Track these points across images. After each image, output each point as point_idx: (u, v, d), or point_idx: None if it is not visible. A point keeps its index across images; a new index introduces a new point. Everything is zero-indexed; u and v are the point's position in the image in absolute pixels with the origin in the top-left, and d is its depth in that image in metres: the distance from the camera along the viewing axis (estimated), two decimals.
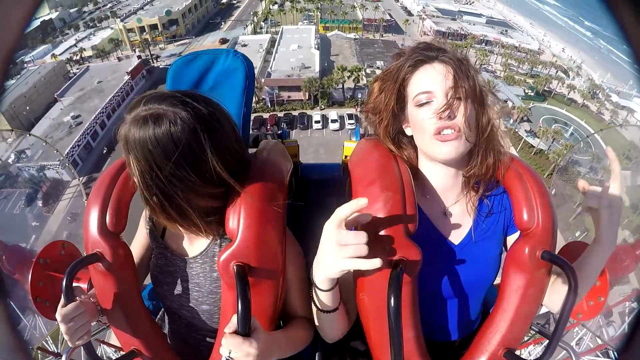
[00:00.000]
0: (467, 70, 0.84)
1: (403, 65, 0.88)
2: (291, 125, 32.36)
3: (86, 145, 30.55)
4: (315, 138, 31.62)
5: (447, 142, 0.84)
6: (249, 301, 0.72)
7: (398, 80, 0.89)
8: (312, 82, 33.15)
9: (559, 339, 0.79)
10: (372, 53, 41.35)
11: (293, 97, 34.65)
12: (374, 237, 0.77)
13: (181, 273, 0.98)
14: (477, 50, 41.23)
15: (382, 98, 0.93)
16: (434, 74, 0.85)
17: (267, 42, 41.52)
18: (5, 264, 1.38)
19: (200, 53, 1.21)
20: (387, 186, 0.82)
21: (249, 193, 0.83)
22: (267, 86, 34.06)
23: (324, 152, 29.88)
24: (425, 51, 0.87)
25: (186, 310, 1.00)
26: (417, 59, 0.87)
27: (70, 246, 1.32)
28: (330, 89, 33.99)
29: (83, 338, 0.85)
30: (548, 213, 0.85)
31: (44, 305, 1.22)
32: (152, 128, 0.75)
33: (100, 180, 0.94)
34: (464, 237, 0.96)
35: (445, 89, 0.83)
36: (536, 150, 29.97)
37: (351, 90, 34.78)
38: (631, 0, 0.45)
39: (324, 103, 34.17)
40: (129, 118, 0.78)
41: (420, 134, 0.89)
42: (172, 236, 1.01)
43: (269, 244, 0.83)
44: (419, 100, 0.86)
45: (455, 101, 0.83)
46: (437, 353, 0.94)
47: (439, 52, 0.86)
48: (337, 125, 31.91)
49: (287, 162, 1.04)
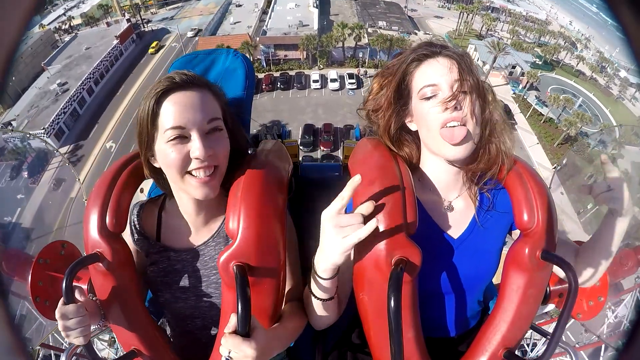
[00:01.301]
0: (469, 65, 0.85)
1: (406, 59, 0.89)
2: (288, 85, 30.70)
3: (73, 113, 29.40)
4: (313, 98, 29.99)
5: (457, 146, 0.84)
6: (249, 301, 0.72)
7: (398, 74, 0.89)
8: (310, 39, 31.20)
9: (559, 339, 0.80)
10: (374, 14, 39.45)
11: (290, 56, 32.79)
12: (374, 236, 0.77)
13: (191, 264, 0.98)
14: (484, 16, 39.24)
15: (383, 93, 0.93)
16: (438, 67, 0.85)
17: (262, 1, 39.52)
18: (5, 265, 1.37)
19: (200, 53, 1.23)
20: (387, 186, 0.82)
21: (249, 193, 0.84)
22: (262, 44, 32.19)
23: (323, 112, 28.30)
24: (429, 47, 0.88)
25: (200, 306, 0.98)
26: (421, 53, 0.87)
27: (70, 246, 1.32)
28: (330, 47, 32.06)
29: (83, 338, 0.83)
30: (548, 213, 0.86)
31: (44, 305, 1.21)
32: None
33: (101, 180, 0.94)
34: (463, 231, 0.95)
35: (450, 81, 0.83)
36: (545, 118, 29.01)
37: (352, 49, 32.87)
38: (631, 0, 0.44)
39: (323, 62, 32.28)
40: None
41: (425, 127, 0.88)
42: (170, 235, 1.01)
43: (268, 244, 0.84)
44: (424, 94, 0.86)
45: (461, 94, 0.83)
46: (435, 349, 0.93)
47: (442, 48, 0.87)
48: (336, 84, 30.19)
49: (287, 162, 1.06)
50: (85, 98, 30.75)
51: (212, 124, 0.86)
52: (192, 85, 0.86)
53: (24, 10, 0.41)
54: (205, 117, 0.85)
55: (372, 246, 0.79)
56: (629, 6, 0.43)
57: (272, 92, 30.37)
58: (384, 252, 0.78)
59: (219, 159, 0.87)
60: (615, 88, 34.17)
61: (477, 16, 39.56)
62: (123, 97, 31.41)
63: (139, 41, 38.06)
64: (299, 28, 33.86)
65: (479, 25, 38.40)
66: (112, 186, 0.92)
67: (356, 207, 0.82)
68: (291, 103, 29.53)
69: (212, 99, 0.89)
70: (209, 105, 0.87)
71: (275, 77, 31.20)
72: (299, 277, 1.02)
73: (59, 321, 0.80)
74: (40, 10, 44.57)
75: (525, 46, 36.73)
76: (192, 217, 0.98)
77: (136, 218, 1.02)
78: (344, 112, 28.49)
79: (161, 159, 0.87)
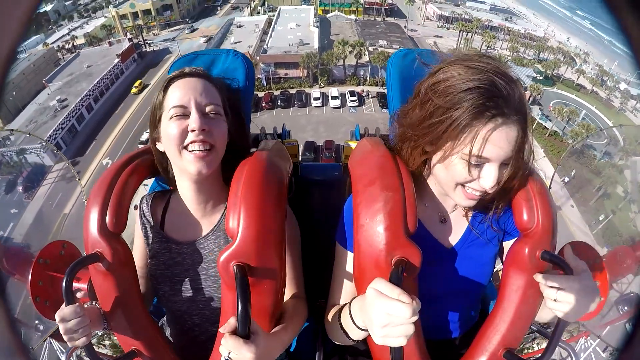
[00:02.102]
0: (527, 132, 0.78)
1: (466, 102, 0.75)
2: (288, 103, 30.43)
3: (71, 129, 29.21)
4: (314, 116, 29.66)
5: (471, 200, 0.83)
6: (249, 301, 0.72)
7: (452, 115, 0.76)
8: (310, 57, 31.22)
9: (558, 339, 0.80)
10: (374, 33, 39.77)
11: (290, 75, 32.72)
12: (374, 236, 0.79)
13: (191, 257, 1.00)
14: (483, 34, 39.63)
15: (424, 116, 0.81)
16: (503, 141, 0.75)
17: (263, 22, 40.07)
18: (5, 264, 1.37)
19: (200, 53, 1.23)
20: (387, 186, 0.82)
21: (249, 192, 0.84)
22: (262, 63, 32.14)
23: (324, 130, 27.87)
24: (508, 95, 0.74)
25: (198, 300, 0.99)
26: (496, 109, 0.74)
27: (70, 246, 1.32)
28: (331, 65, 32.00)
29: (83, 339, 0.84)
30: (548, 213, 0.85)
31: (44, 305, 1.21)
32: None
33: (101, 180, 0.95)
34: (458, 240, 0.95)
35: (504, 159, 0.78)
36: (550, 132, 28.90)
37: (352, 67, 32.82)
38: (631, 1, 0.44)
39: (324, 81, 32.16)
40: None
41: (447, 178, 0.84)
42: (173, 228, 1.03)
43: (269, 244, 0.83)
44: (468, 157, 0.77)
45: (504, 168, 0.79)
46: (436, 352, 0.93)
47: (517, 106, 0.75)
48: (338, 102, 29.94)
49: (287, 162, 1.06)
50: (84, 115, 30.71)
51: (211, 108, 0.92)
52: (198, 75, 0.95)
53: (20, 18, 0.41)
54: (204, 99, 0.92)
55: (372, 246, 0.79)
56: (629, 6, 0.43)
57: (272, 110, 30.07)
58: (383, 252, 0.78)
59: (214, 137, 0.91)
60: (616, 100, 34.25)
61: (476, 35, 39.93)
62: (122, 115, 31.20)
63: (140, 60, 38.53)
64: (299, 47, 33.98)
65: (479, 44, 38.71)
66: (112, 186, 0.93)
67: (356, 206, 0.84)
68: (292, 121, 29.19)
69: (214, 89, 0.95)
70: (210, 92, 0.94)
71: (276, 96, 31.01)
72: (300, 276, 1.03)
73: (59, 324, 0.81)
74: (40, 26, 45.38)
75: (526, 62, 37.01)
76: (194, 205, 1.00)
77: (146, 207, 1.05)
78: (346, 129, 28.06)
79: (163, 137, 0.92)
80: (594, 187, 22.71)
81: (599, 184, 22.86)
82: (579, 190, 23.77)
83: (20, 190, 25.80)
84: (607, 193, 22.39)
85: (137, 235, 1.07)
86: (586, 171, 23.86)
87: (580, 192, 23.43)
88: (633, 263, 1.50)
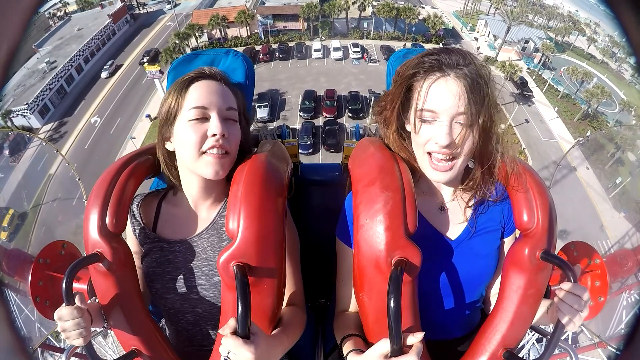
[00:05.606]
0: (482, 92, 0.79)
1: (414, 65, 0.84)
2: (287, 55, 28.72)
3: (59, 90, 27.83)
4: (314, 67, 28.00)
5: (438, 172, 0.84)
6: (249, 301, 0.72)
7: (404, 81, 0.86)
8: (311, 8, 29.40)
9: (558, 339, 0.81)
10: None
11: (289, 27, 30.95)
12: (374, 237, 0.79)
13: (183, 255, 1.00)
14: None
15: (390, 96, 0.91)
16: (444, 92, 0.80)
17: None
18: (5, 265, 1.36)
19: (200, 53, 1.24)
20: (387, 186, 0.82)
21: (249, 193, 0.84)
22: (260, 15, 30.36)
23: (326, 81, 26.14)
24: (440, 57, 0.81)
25: (190, 298, 1.00)
26: (430, 64, 0.81)
27: (70, 246, 1.33)
28: (332, 17, 30.17)
29: (82, 339, 0.84)
30: (548, 213, 0.86)
31: (44, 305, 1.22)
32: None
33: (101, 180, 0.94)
34: (461, 233, 0.95)
35: (452, 114, 0.79)
36: (562, 94, 27.78)
37: (355, 20, 30.99)
38: (631, 1, 0.45)
39: (325, 34, 30.39)
40: None
41: (415, 146, 0.88)
42: (166, 226, 1.04)
43: (269, 244, 0.84)
44: (421, 115, 0.83)
45: (461, 127, 0.80)
46: (436, 351, 0.93)
47: (455, 66, 0.80)
48: (340, 53, 28.26)
49: (287, 163, 1.06)
50: (73, 76, 29.41)
51: (230, 113, 0.95)
52: (218, 77, 0.97)
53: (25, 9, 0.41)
54: (225, 103, 0.94)
55: (372, 246, 0.79)
56: (630, 7, 0.43)
57: (269, 62, 28.38)
58: (383, 252, 0.78)
59: (231, 145, 0.93)
60: (627, 73, 32.71)
61: None
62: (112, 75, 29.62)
63: (133, 22, 36.87)
64: None
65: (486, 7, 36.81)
66: (112, 186, 0.93)
67: (356, 206, 0.84)
68: (290, 72, 27.59)
69: (231, 94, 0.98)
70: (229, 96, 0.97)
71: (274, 48, 29.25)
72: (300, 279, 1.02)
73: (57, 323, 0.82)
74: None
75: (536, 26, 35.32)
76: (195, 201, 1.02)
77: (136, 208, 1.05)
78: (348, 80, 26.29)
79: (179, 138, 0.93)
80: (608, 152, 21.68)
81: (612, 150, 21.68)
82: (595, 152, 22.53)
83: (7, 153, 24.00)
84: (620, 159, 21.26)
85: (129, 236, 1.05)
86: (600, 136, 22.87)
87: (596, 154, 22.24)
88: (634, 265, 1.50)
